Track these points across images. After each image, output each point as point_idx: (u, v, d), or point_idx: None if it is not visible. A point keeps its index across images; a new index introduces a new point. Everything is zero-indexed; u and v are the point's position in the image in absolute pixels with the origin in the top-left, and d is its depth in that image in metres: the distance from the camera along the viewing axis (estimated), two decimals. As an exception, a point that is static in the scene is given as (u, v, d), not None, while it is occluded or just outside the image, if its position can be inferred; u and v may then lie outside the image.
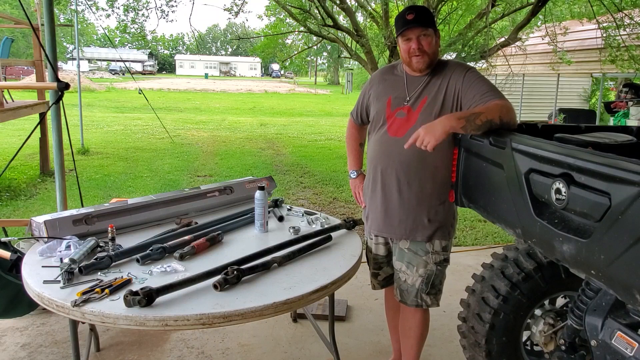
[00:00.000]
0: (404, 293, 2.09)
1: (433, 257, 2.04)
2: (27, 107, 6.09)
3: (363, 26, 9.51)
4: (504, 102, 1.83)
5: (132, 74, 19.73)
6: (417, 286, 2.05)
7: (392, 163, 2.01)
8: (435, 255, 2.04)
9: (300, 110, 20.14)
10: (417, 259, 2.04)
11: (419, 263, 2.04)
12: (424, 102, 1.96)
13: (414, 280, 2.05)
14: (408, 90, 2.00)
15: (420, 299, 2.07)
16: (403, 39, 1.94)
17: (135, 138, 10.60)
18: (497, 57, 8.94)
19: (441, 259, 2.06)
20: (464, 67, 2.00)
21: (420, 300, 2.07)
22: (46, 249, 1.91)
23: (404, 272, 2.07)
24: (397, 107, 2.01)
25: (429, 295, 2.07)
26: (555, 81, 12.20)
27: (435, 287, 2.07)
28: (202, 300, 1.57)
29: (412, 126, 1.94)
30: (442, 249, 2.05)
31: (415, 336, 2.17)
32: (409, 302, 2.09)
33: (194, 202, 2.50)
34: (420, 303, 2.08)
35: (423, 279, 2.04)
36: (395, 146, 1.99)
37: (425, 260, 2.04)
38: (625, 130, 2.17)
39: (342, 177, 7.11)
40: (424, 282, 2.05)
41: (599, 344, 1.56)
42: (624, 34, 7.36)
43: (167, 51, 78.61)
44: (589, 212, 1.32)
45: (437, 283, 2.07)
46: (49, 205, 5.24)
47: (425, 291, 2.06)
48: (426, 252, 2.03)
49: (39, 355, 2.53)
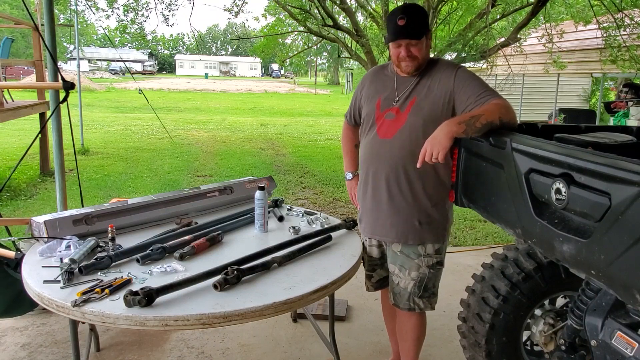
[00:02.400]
0: (397, 296, 2.08)
1: (425, 260, 2.02)
2: (27, 107, 6.09)
3: (363, 26, 9.51)
4: (502, 102, 1.81)
5: (132, 74, 19.73)
6: (410, 289, 2.03)
7: (382, 165, 2.00)
8: (428, 258, 2.02)
9: (300, 110, 20.14)
10: (410, 262, 2.02)
11: (411, 266, 2.02)
12: (412, 102, 1.94)
13: (407, 283, 2.04)
14: (397, 90, 1.99)
15: (412, 302, 2.05)
16: (393, 44, 1.93)
17: (135, 138, 10.60)
18: (497, 57, 8.94)
19: (434, 262, 2.03)
20: (453, 66, 1.98)
21: (413, 304, 2.05)
22: (46, 249, 1.91)
23: (397, 275, 2.06)
24: (386, 108, 1.99)
25: (421, 299, 2.05)
26: (555, 81, 12.20)
27: (428, 290, 2.05)
28: (202, 300, 1.57)
29: (400, 127, 1.94)
30: (434, 252, 2.03)
31: (411, 339, 2.15)
32: (401, 306, 2.08)
33: (194, 202, 2.50)
34: (412, 307, 2.06)
35: (415, 282, 2.02)
36: (384, 148, 1.98)
37: (417, 263, 2.01)
38: (625, 130, 2.17)
39: (342, 177, 7.09)
40: (416, 286, 2.02)
41: (599, 344, 1.56)
42: (624, 34, 7.36)
43: (167, 51, 78.63)
44: (589, 212, 1.32)
45: (430, 286, 2.05)
46: (49, 205, 5.24)
47: (417, 294, 2.04)
48: (418, 255, 2.01)
49: (39, 355, 2.53)
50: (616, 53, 7.58)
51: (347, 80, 36.89)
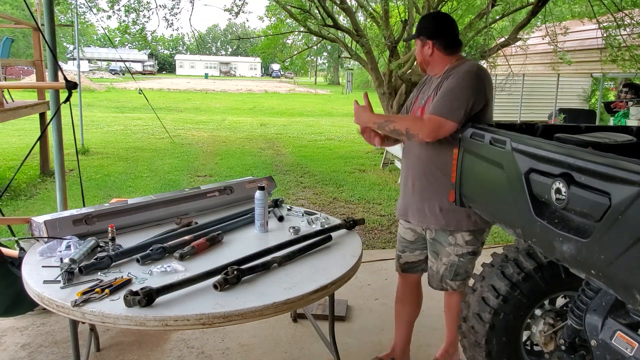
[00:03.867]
0: (430, 278, 2.31)
1: (455, 250, 2.19)
2: (27, 107, 6.09)
3: (363, 26, 9.51)
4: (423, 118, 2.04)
5: (132, 74, 19.73)
6: (441, 273, 2.25)
7: (411, 158, 2.27)
8: (458, 247, 2.19)
9: (301, 110, 20.14)
10: (442, 249, 2.22)
11: (442, 253, 2.22)
12: (429, 100, 2.14)
13: (439, 267, 2.25)
14: (429, 91, 2.21)
15: (445, 283, 2.27)
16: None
17: (135, 138, 10.60)
18: (497, 57, 8.94)
19: (463, 252, 2.20)
20: (457, 70, 2.08)
21: (445, 285, 2.27)
22: (46, 249, 1.91)
23: (431, 260, 2.28)
24: (418, 106, 2.23)
25: (453, 281, 2.25)
26: (555, 81, 12.19)
27: (459, 275, 2.24)
28: (202, 300, 1.57)
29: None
30: (465, 243, 2.18)
31: (451, 314, 2.38)
32: (434, 286, 2.31)
33: (194, 202, 2.50)
34: (444, 287, 2.27)
35: (447, 267, 2.23)
36: (413, 143, 2.23)
37: (447, 251, 2.21)
38: (625, 130, 2.17)
39: (342, 177, 7.11)
40: (447, 270, 2.23)
41: (599, 344, 1.56)
42: (624, 33, 7.35)
43: (167, 51, 78.57)
44: (589, 212, 1.32)
45: (461, 272, 2.23)
46: (49, 205, 5.24)
47: (449, 277, 2.24)
48: (449, 244, 2.19)
49: (39, 355, 2.53)
50: (616, 53, 7.57)
51: (347, 80, 36.85)
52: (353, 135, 12.11)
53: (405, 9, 8.28)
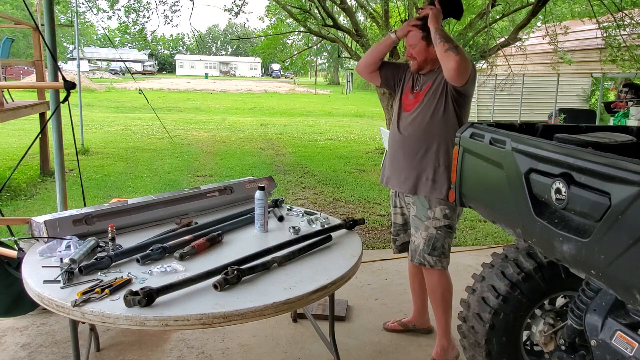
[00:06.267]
0: (412, 252, 2.48)
1: (433, 223, 2.38)
2: (27, 107, 6.09)
3: (363, 26, 9.50)
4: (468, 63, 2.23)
5: (132, 74, 19.73)
6: (421, 247, 2.41)
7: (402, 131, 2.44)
8: (436, 221, 2.38)
9: (301, 110, 20.14)
10: (421, 224, 2.41)
11: (421, 227, 2.41)
12: (428, 85, 2.38)
13: (419, 241, 2.42)
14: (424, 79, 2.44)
15: (423, 258, 2.41)
16: None
17: (135, 138, 10.60)
18: (497, 57, 8.93)
19: (440, 225, 2.38)
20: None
21: (423, 260, 2.41)
22: (46, 249, 1.91)
23: (414, 235, 2.47)
24: (410, 91, 2.46)
25: (430, 256, 2.39)
26: (555, 81, 12.20)
27: (437, 249, 2.39)
28: (202, 300, 1.57)
29: (418, 102, 2.41)
30: (443, 216, 2.37)
31: (438, 296, 2.48)
32: (415, 260, 2.46)
33: (194, 202, 2.50)
34: (423, 262, 2.42)
35: (425, 241, 2.39)
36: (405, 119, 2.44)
37: (426, 224, 2.39)
38: (625, 130, 2.17)
39: (342, 177, 7.11)
40: (425, 244, 2.39)
41: (599, 344, 1.56)
42: (624, 33, 7.35)
43: (167, 51, 78.56)
44: (588, 212, 1.32)
45: (438, 246, 2.39)
46: (49, 205, 5.24)
47: (427, 252, 2.39)
48: (427, 217, 2.39)
49: (39, 355, 2.53)
50: (616, 53, 7.57)
51: (347, 80, 36.81)
52: (353, 135, 12.12)
53: (405, 9, 8.27)
